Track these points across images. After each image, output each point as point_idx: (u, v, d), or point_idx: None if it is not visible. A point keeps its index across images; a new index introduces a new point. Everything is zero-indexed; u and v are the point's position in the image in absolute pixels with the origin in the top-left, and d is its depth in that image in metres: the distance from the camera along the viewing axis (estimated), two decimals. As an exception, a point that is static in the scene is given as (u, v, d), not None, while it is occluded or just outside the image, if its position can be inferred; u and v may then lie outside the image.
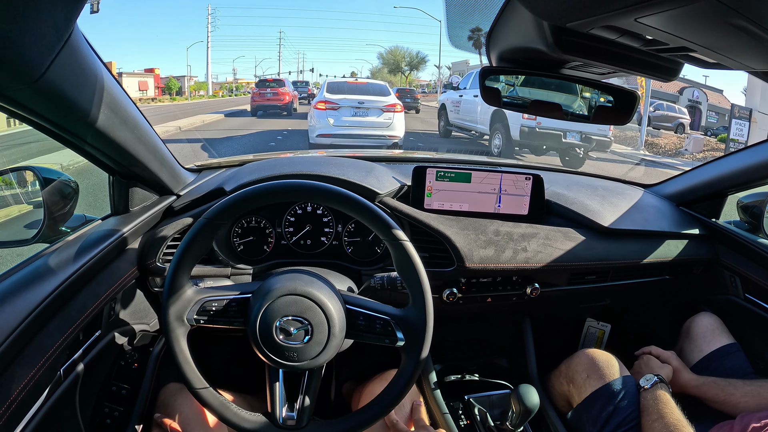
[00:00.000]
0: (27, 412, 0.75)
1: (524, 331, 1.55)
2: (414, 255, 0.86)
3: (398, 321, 0.88)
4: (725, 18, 0.46)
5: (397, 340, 0.87)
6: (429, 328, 0.87)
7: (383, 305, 0.91)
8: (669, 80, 0.77)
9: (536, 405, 1.06)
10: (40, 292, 0.80)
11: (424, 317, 0.87)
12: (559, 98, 0.94)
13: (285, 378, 0.89)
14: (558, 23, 0.61)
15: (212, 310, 0.86)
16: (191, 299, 0.86)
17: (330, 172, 1.24)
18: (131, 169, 1.07)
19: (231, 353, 1.40)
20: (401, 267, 0.88)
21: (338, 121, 7.75)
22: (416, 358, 0.87)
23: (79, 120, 0.81)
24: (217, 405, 0.86)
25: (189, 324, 0.86)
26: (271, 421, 0.87)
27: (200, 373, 0.87)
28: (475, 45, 8.95)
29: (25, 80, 0.64)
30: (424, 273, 0.87)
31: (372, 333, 0.88)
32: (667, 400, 1.09)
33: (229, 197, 0.86)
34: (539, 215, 1.36)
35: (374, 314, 0.88)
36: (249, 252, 1.30)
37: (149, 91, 43.26)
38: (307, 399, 0.88)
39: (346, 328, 0.87)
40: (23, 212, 1.07)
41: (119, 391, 1.08)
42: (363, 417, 0.89)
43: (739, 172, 1.43)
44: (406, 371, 0.88)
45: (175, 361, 0.85)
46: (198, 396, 0.86)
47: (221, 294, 0.88)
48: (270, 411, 0.88)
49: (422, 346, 0.87)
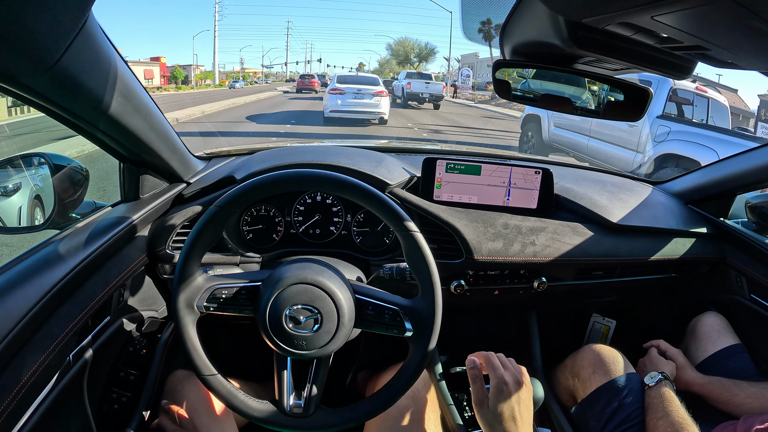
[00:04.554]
0: (36, 397, 0.76)
1: (530, 325, 1.55)
2: (424, 246, 0.86)
3: (407, 311, 0.88)
4: (741, 19, 0.46)
5: (405, 330, 0.87)
6: (437, 320, 0.87)
7: (392, 295, 0.91)
8: (682, 78, 0.76)
9: (541, 398, 1.07)
10: (50, 278, 0.81)
11: (432, 308, 0.87)
12: (570, 92, 0.94)
13: (293, 366, 0.89)
14: (574, 18, 0.60)
15: (222, 298, 0.87)
16: (201, 286, 0.86)
17: (341, 161, 1.24)
18: (142, 156, 1.08)
19: (237, 341, 1.41)
20: (411, 258, 0.88)
21: (344, 102, 12.01)
22: (424, 348, 0.87)
23: (93, 107, 0.81)
24: (224, 392, 0.87)
25: (199, 311, 0.86)
26: (278, 409, 0.88)
27: (209, 360, 0.87)
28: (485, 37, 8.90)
29: (39, 67, 0.64)
30: (434, 264, 0.87)
31: (381, 323, 0.88)
32: (672, 398, 1.09)
33: (241, 185, 0.86)
34: (548, 209, 1.36)
35: (383, 304, 0.89)
36: (258, 240, 1.31)
37: (155, 80, 43.30)
38: (315, 387, 0.88)
39: (355, 317, 0.88)
40: (34, 198, 1.08)
41: (127, 377, 1.09)
42: (369, 406, 0.89)
43: (748, 172, 1.43)
44: (413, 362, 0.88)
45: (184, 347, 0.86)
46: (206, 383, 0.87)
47: (231, 282, 0.88)
48: (277, 399, 0.89)
49: (430, 337, 0.87)
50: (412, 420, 1.06)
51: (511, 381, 0.89)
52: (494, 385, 0.88)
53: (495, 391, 0.87)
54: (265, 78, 68.70)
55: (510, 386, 0.88)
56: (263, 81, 63.06)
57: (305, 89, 28.70)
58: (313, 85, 29.23)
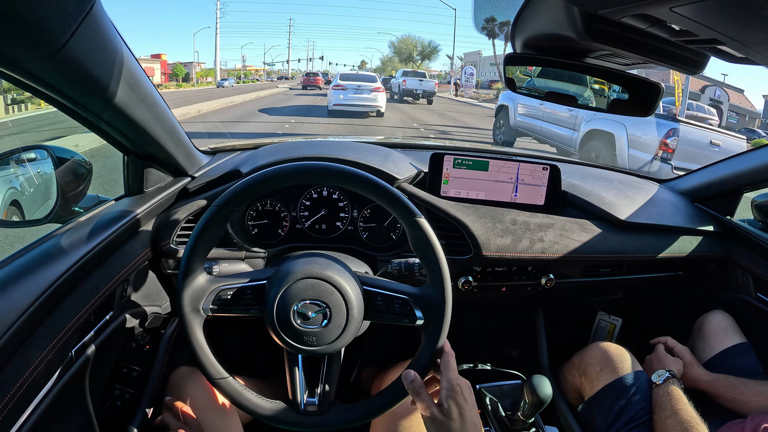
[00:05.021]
0: (38, 394, 0.74)
1: (537, 323, 1.55)
2: (430, 232, 0.85)
3: (417, 299, 0.86)
4: (760, 11, 0.45)
5: (416, 318, 0.85)
6: (448, 306, 0.85)
7: (401, 284, 0.90)
8: (694, 73, 0.76)
9: (549, 396, 1.06)
10: (52, 272, 0.80)
11: (442, 294, 0.85)
12: (575, 89, 0.93)
13: (304, 363, 0.88)
14: (590, 10, 0.59)
15: (227, 299, 0.85)
16: (206, 289, 0.85)
17: (348, 155, 1.24)
18: (147, 149, 1.06)
19: (240, 338, 1.40)
20: (417, 245, 0.86)
21: (345, 97, 13.52)
22: (436, 336, 0.85)
23: (98, 96, 0.79)
24: (237, 395, 0.86)
25: (205, 314, 0.85)
26: (292, 408, 0.87)
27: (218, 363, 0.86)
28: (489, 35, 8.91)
29: (44, 52, 0.62)
30: (440, 250, 0.85)
31: (391, 313, 0.87)
32: (680, 396, 1.09)
33: (237, 184, 0.85)
34: (555, 206, 1.35)
35: (392, 294, 0.87)
36: (263, 235, 1.30)
37: (155, 77, 43.24)
38: (328, 384, 0.87)
39: (364, 309, 0.86)
40: (36, 192, 1.07)
41: (130, 373, 1.08)
42: (386, 398, 0.87)
43: (755, 171, 1.42)
44: (426, 350, 0.86)
45: (192, 351, 0.84)
46: (218, 386, 0.85)
47: (235, 282, 0.87)
48: (291, 398, 0.87)
49: (442, 324, 0.85)
50: (418, 418, 1.05)
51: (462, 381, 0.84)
52: (447, 388, 0.82)
53: (447, 393, 0.81)
54: (267, 75, 68.23)
55: (461, 385, 0.83)
56: (265, 78, 62.70)
57: (310, 86, 31.29)
58: (318, 82, 31.85)
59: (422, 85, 20.50)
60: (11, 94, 8.23)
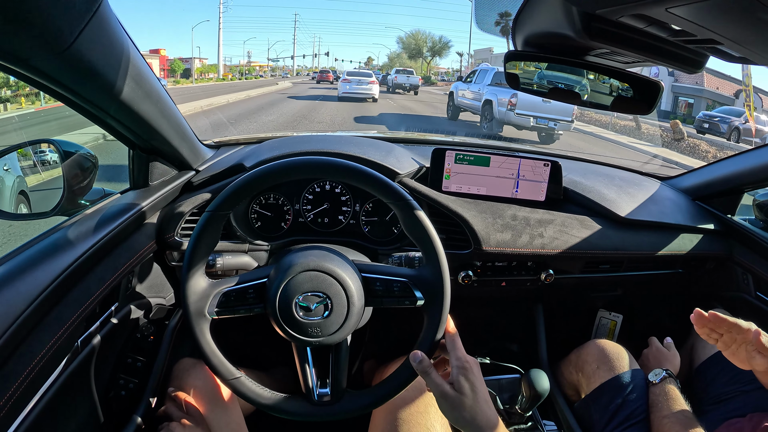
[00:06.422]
0: (44, 383, 0.76)
1: (536, 318, 1.56)
2: (420, 212, 0.85)
3: (415, 281, 0.87)
4: (756, 13, 0.46)
5: (416, 299, 0.86)
6: (446, 283, 0.86)
7: (398, 268, 0.91)
8: (693, 72, 0.76)
9: (546, 390, 1.07)
10: (59, 264, 0.81)
11: (440, 272, 0.86)
12: (578, 87, 0.93)
13: (313, 355, 0.89)
14: (588, 9, 0.60)
15: (231, 300, 0.87)
16: (209, 293, 0.86)
17: (350, 150, 1.25)
18: (152, 143, 1.08)
19: (242, 330, 1.42)
20: (409, 226, 0.87)
21: (351, 87, 18.19)
22: (439, 315, 0.86)
23: (105, 92, 0.81)
24: (251, 394, 0.87)
25: (210, 317, 0.86)
26: (307, 401, 0.88)
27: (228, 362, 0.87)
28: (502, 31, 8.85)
29: (53, 50, 0.64)
30: (432, 229, 0.86)
31: (391, 297, 0.88)
32: (677, 395, 1.09)
33: (225, 190, 0.86)
34: (556, 202, 1.36)
35: (391, 278, 0.88)
36: (266, 229, 1.31)
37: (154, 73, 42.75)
38: (339, 373, 0.89)
39: (364, 296, 0.87)
40: (43, 185, 1.08)
41: (134, 363, 1.10)
42: (397, 381, 0.89)
43: (757, 170, 1.42)
44: (430, 330, 0.87)
45: (203, 355, 0.86)
46: (232, 387, 0.87)
47: (237, 284, 0.88)
48: (304, 390, 0.89)
49: (443, 302, 0.86)
50: (418, 410, 1.06)
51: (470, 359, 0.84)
52: (457, 366, 0.82)
53: (458, 371, 0.81)
54: (271, 71, 67.51)
55: (470, 362, 0.83)
56: (269, 75, 62.08)
57: (323, 81, 36.79)
58: (329, 78, 37.51)
59: (409, 80, 26.95)
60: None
